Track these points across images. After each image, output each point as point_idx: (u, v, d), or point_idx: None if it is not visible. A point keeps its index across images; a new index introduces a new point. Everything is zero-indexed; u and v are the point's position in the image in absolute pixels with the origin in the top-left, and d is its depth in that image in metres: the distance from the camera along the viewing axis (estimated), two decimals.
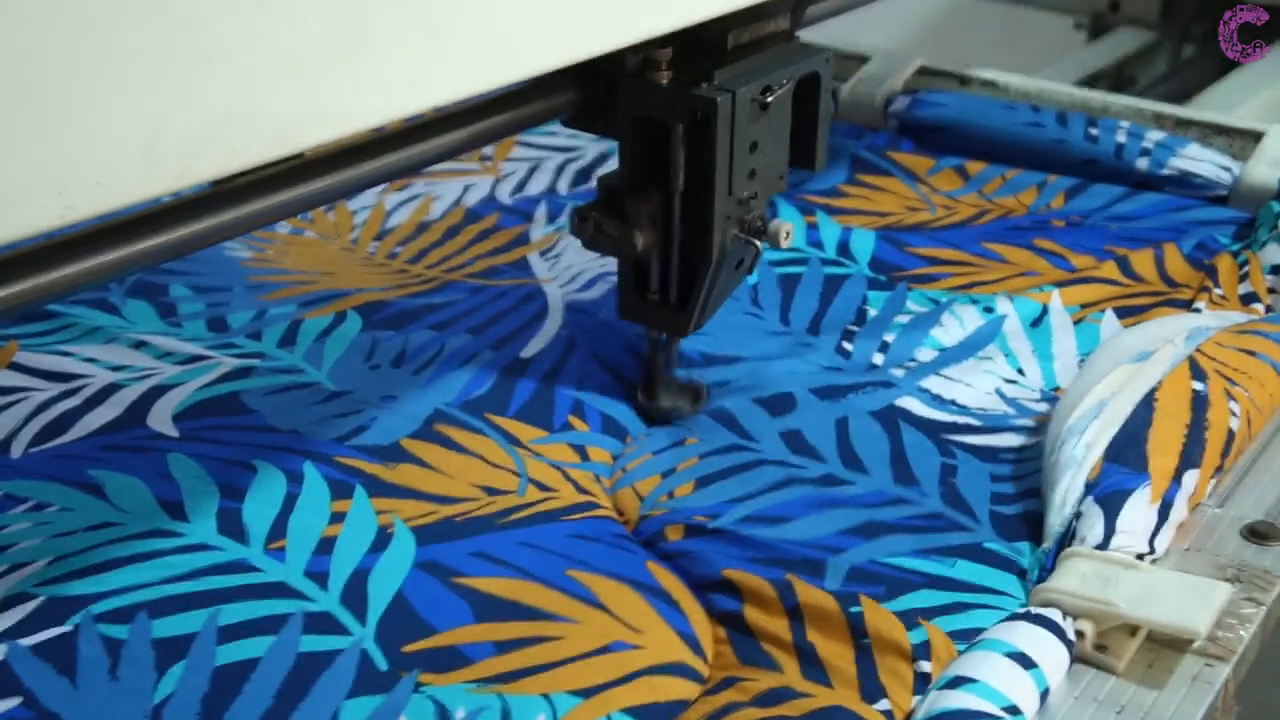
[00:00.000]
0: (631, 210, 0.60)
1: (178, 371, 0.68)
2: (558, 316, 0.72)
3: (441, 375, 0.67)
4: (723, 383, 0.68)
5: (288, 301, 0.75)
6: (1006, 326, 0.73)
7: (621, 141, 0.60)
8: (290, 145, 0.38)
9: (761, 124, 0.59)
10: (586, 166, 0.96)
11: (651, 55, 0.57)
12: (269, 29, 0.36)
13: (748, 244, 0.61)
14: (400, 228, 0.87)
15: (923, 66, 1.02)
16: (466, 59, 0.42)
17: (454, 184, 0.94)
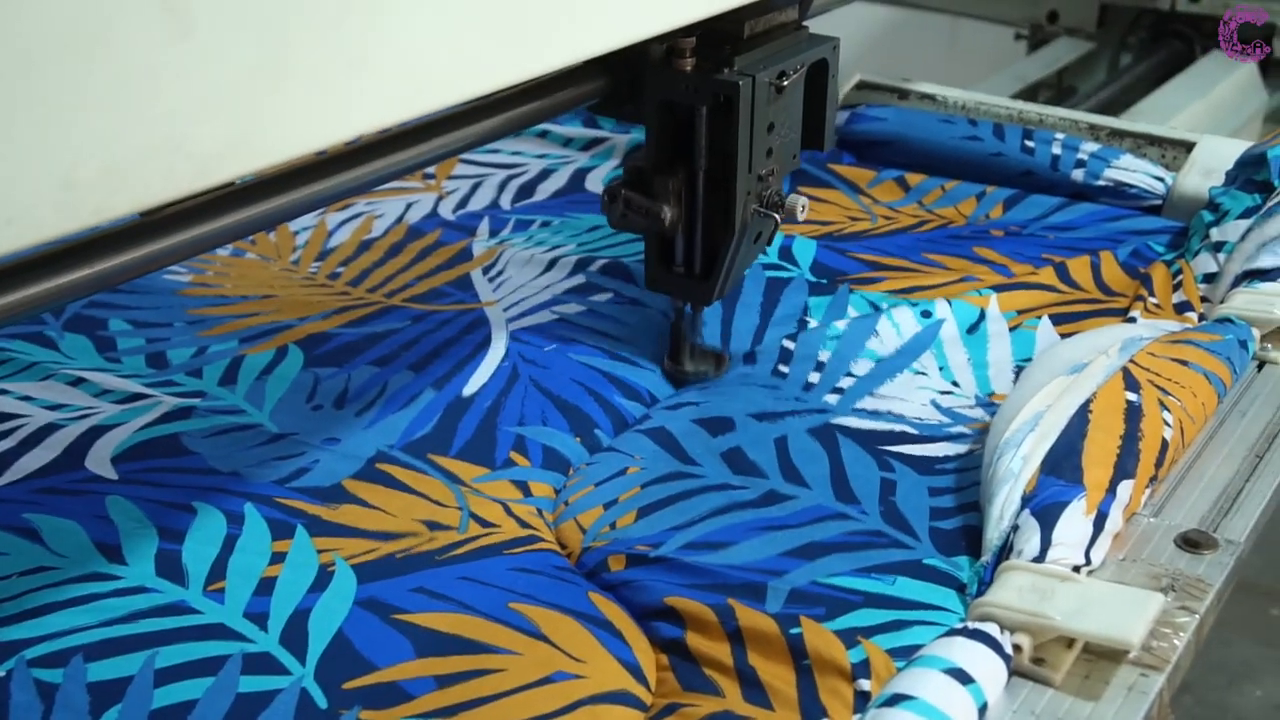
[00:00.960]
0: (659, 188, 0.65)
1: (117, 411, 0.68)
2: (501, 346, 0.72)
3: (384, 416, 0.66)
4: (670, 406, 0.68)
5: (228, 337, 0.75)
6: (944, 332, 0.73)
7: (648, 125, 0.65)
8: (215, 177, 0.38)
9: (777, 106, 0.65)
10: (529, 182, 0.97)
11: (676, 44, 0.62)
12: (191, 62, 0.36)
13: (766, 217, 0.66)
14: (342, 246, 0.87)
15: (861, 80, 1.03)
16: (392, 87, 0.42)
17: (397, 202, 0.94)
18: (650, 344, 0.73)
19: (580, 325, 0.74)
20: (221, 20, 0.36)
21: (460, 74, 0.45)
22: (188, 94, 0.36)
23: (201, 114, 0.36)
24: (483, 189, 0.96)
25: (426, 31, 0.43)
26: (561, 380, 0.69)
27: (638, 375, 0.70)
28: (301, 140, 0.40)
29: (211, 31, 0.36)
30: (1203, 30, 1.52)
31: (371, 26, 0.40)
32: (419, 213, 0.92)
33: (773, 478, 0.61)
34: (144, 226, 0.47)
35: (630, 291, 0.77)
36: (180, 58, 0.35)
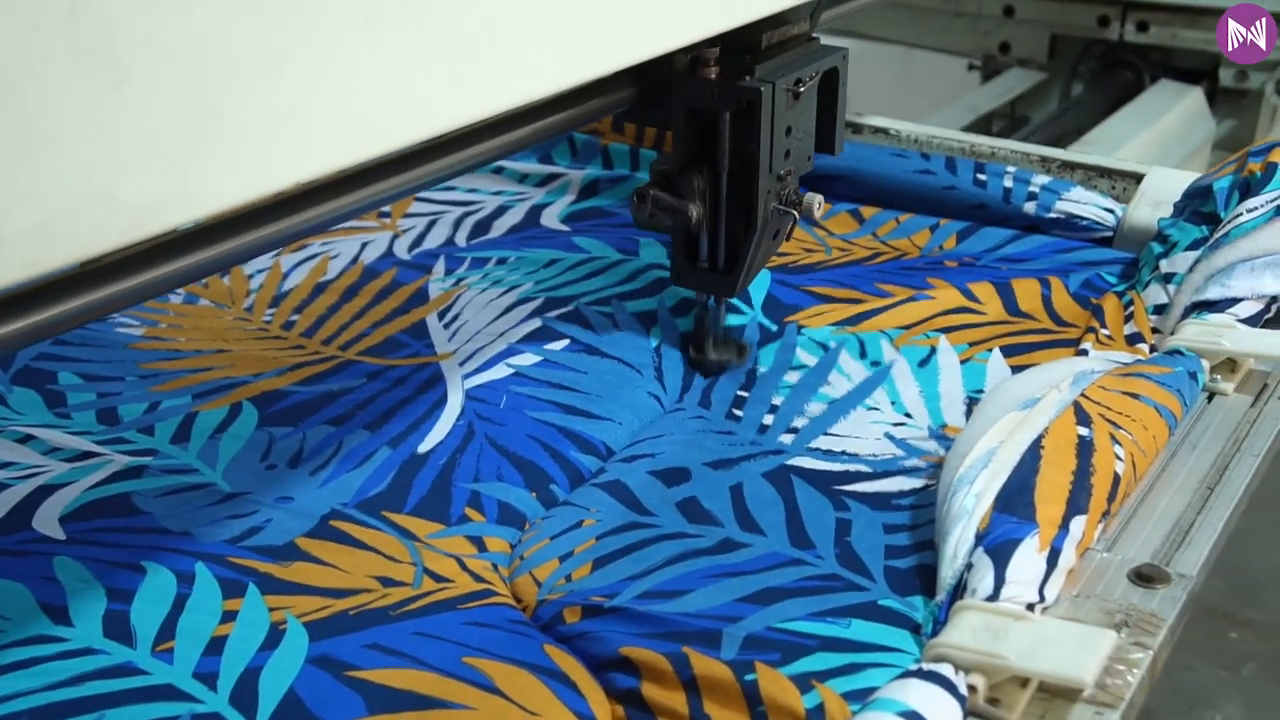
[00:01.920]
0: (685, 188, 0.70)
1: (66, 470, 0.67)
2: (457, 403, 0.71)
3: (338, 475, 0.66)
4: (624, 458, 0.68)
5: (181, 393, 0.74)
6: (895, 371, 0.74)
7: (675, 129, 0.70)
8: (148, 228, 0.37)
9: (794, 111, 0.70)
10: (485, 219, 0.96)
11: (701, 54, 0.67)
12: (123, 113, 0.35)
13: (785, 214, 0.71)
14: (297, 289, 0.86)
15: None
16: (331, 134, 0.42)
17: (352, 241, 0.94)
18: (605, 393, 0.72)
19: (536, 379, 0.74)
20: (155, 71, 0.36)
21: (401, 119, 0.45)
22: (120, 145, 0.35)
23: (134, 165, 0.36)
24: (438, 226, 0.96)
25: (366, 77, 0.42)
26: (517, 437, 0.68)
27: (593, 428, 0.69)
28: (238, 190, 0.40)
29: (144, 82, 0.35)
30: (1150, 60, 1.56)
31: (309, 74, 0.40)
32: (374, 252, 0.92)
33: (728, 525, 0.61)
34: (84, 276, 0.46)
35: (585, 337, 0.77)
36: (112, 109, 0.35)
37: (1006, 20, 1.63)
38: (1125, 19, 1.54)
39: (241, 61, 0.38)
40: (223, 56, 0.38)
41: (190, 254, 0.49)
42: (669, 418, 0.71)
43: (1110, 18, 1.55)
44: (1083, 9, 1.56)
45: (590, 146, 1.05)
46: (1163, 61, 1.56)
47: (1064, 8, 1.58)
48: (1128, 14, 1.54)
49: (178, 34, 0.36)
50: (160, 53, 0.36)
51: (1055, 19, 1.60)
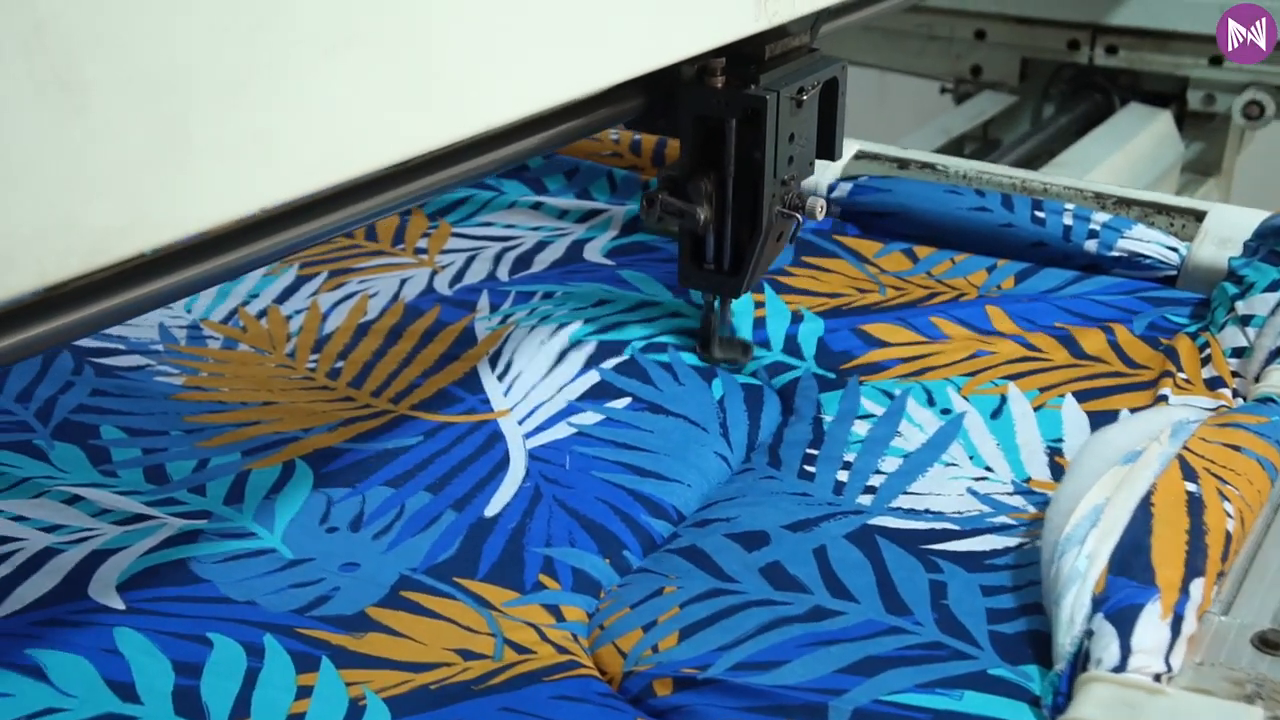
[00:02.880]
0: (693, 192, 0.73)
1: (119, 533, 0.64)
2: (520, 465, 0.69)
3: (404, 539, 0.63)
4: (697, 523, 0.65)
5: (230, 449, 0.71)
6: (967, 422, 0.71)
7: (682, 136, 0.73)
8: (112, 254, 0.37)
9: (797, 118, 0.73)
10: (526, 253, 0.94)
11: (708, 64, 0.70)
12: (85, 138, 0.35)
13: (789, 217, 0.74)
14: (338, 333, 0.84)
15: (860, 151, 1.01)
16: (300, 157, 0.42)
17: (390, 279, 0.91)
18: (672, 453, 0.70)
19: (600, 439, 0.71)
20: (119, 96, 0.35)
21: (371, 143, 0.45)
22: (84, 170, 0.35)
23: (98, 190, 0.36)
24: (478, 261, 0.93)
25: (332, 101, 0.42)
26: (586, 500, 0.66)
27: (664, 491, 0.67)
28: (203, 215, 0.39)
29: (108, 107, 0.35)
30: (1120, 83, 1.59)
31: (275, 98, 0.40)
32: (414, 289, 0.89)
33: (817, 591, 0.58)
34: (49, 301, 0.45)
35: (647, 394, 0.75)
36: (76, 134, 0.35)
37: (978, 44, 1.65)
38: (1095, 43, 1.56)
39: (207, 87, 0.38)
40: (188, 82, 0.37)
41: (159, 278, 0.49)
42: (740, 479, 0.69)
43: (1080, 42, 1.57)
44: (1053, 33, 1.59)
45: (630, 182, 1.02)
46: (1132, 85, 1.59)
47: (1034, 31, 1.60)
48: (1097, 38, 1.56)
49: (142, 59, 0.36)
50: (124, 78, 0.35)
51: (1026, 43, 1.62)
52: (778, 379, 0.77)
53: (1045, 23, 1.58)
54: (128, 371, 0.81)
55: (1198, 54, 1.51)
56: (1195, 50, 1.51)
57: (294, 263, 0.96)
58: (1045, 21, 1.58)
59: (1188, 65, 1.51)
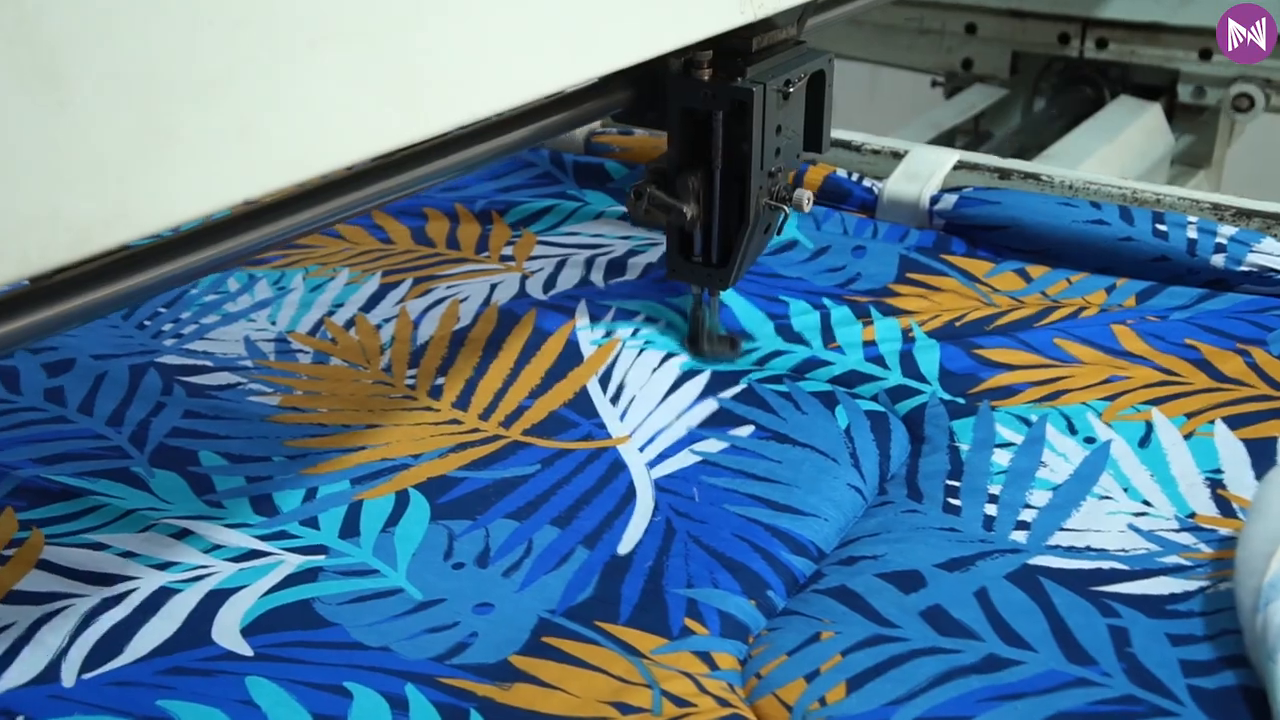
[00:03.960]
0: (680, 186, 0.73)
1: (234, 571, 0.61)
2: (648, 497, 0.66)
3: (536, 577, 0.60)
4: (843, 561, 0.62)
5: (337, 477, 0.68)
6: (1114, 451, 0.68)
7: (670, 129, 0.73)
8: (95, 246, 0.37)
9: (784, 111, 0.73)
10: (618, 259, 0.91)
11: (694, 57, 0.70)
12: (68, 130, 0.35)
13: (776, 209, 0.74)
14: (434, 343, 0.81)
15: (960, 161, 0.98)
16: (284, 150, 0.42)
17: (479, 284, 0.88)
18: (804, 485, 0.67)
19: (727, 469, 0.68)
20: (100, 87, 0.36)
21: (354, 138, 0.45)
22: (66, 163, 0.35)
23: (80, 182, 0.36)
24: (568, 268, 0.90)
25: (315, 93, 0.42)
26: (723, 536, 0.63)
27: (801, 526, 0.64)
28: (187, 206, 0.39)
29: (89, 99, 0.35)
30: (1110, 76, 1.59)
31: (257, 90, 0.40)
32: (506, 293, 0.87)
33: (988, 639, 0.55)
34: (36, 293, 0.46)
35: (771, 422, 0.71)
36: (57, 126, 0.35)
37: (969, 37, 1.65)
38: (1085, 36, 1.56)
39: (190, 79, 0.38)
40: (171, 74, 0.38)
41: (145, 270, 0.49)
42: (879, 513, 0.65)
43: (1070, 35, 1.57)
44: (1043, 26, 1.59)
45: None
46: (1122, 78, 1.59)
47: (1025, 25, 1.60)
48: (1087, 31, 1.56)
49: (125, 51, 0.36)
50: (107, 70, 0.36)
51: (1017, 36, 1.62)
52: (902, 405, 0.73)
53: (1036, 16, 1.59)
54: (219, 391, 0.78)
55: (1187, 47, 1.51)
56: (1185, 43, 1.51)
57: (375, 271, 0.93)
58: (1036, 15, 1.59)
59: (1178, 58, 1.52)
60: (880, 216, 0.96)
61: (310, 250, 0.98)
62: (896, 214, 0.96)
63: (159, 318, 0.88)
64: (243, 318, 0.88)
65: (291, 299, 0.90)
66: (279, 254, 0.98)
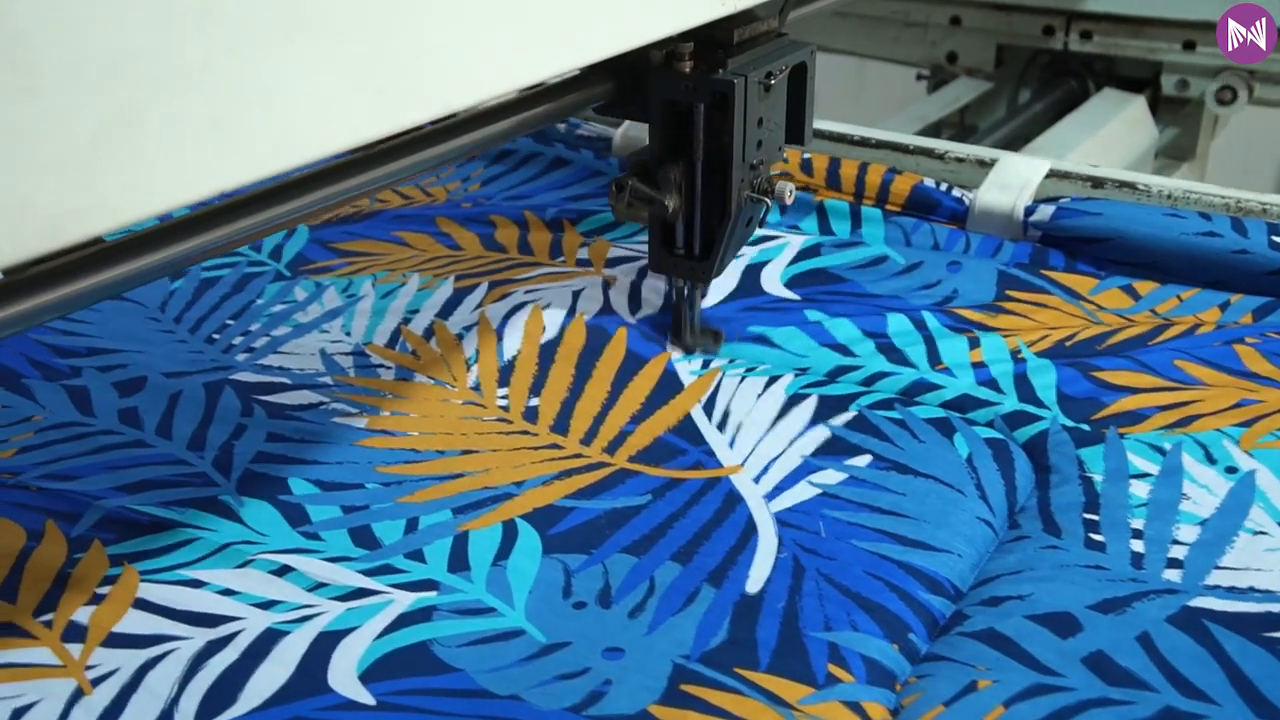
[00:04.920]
0: (662, 179, 0.73)
1: (342, 610, 0.58)
2: (770, 532, 0.63)
3: (664, 618, 0.57)
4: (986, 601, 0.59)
5: (438, 506, 0.65)
6: (1260, 482, 0.65)
7: (651, 122, 0.73)
8: (63, 239, 0.37)
9: (766, 103, 0.73)
10: None
11: (676, 49, 0.70)
12: (37, 120, 0.35)
13: (758, 202, 0.74)
14: (522, 359, 0.78)
15: (1052, 169, 0.94)
16: (257, 143, 0.41)
17: (559, 289, 0.85)
18: (931, 519, 0.63)
19: (849, 502, 0.65)
20: (70, 77, 0.35)
21: (329, 130, 0.44)
22: (35, 154, 0.35)
23: (50, 174, 0.35)
24: (652, 277, 0.86)
25: (288, 85, 0.42)
26: (854, 574, 0.59)
27: (934, 563, 0.61)
28: (159, 199, 0.39)
29: (59, 88, 0.35)
30: (1095, 69, 1.61)
31: (229, 82, 0.40)
32: (590, 304, 0.83)
33: (1163, 690, 0.52)
34: (9, 286, 0.45)
35: (888, 452, 0.68)
36: (27, 117, 0.34)
37: (954, 30, 1.66)
38: (1069, 29, 1.57)
39: (160, 70, 0.38)
40: (141, 64, 0.37)
41: (119, 263, 0.48)
42: (1015, 548, 0.62)
43: (1055, 28, 1.57)
44: (1028, 19, 1.59)
45: (801, 203, 0.96)
46: (1106, 70, 1.61)
47: (1010, 18, 1.61)
48: (1072, 24, 1.57)
49: (94, 41, 0.36)
50: (76, 60, 0.35)
51: (1001, 29, 1.62)
52: (1021, 432, 0.70)
53: (1020, 9, 1.59)
54: (301, 411, 0.74)
55: (1171, 39, 1.52)
56: (1169, 36, 1.52)
57: (448, 275, 0.90)
58: (1020, 8, 1.59)
59: (1161, 50, 1.52)
60: (971, 228, 0.93)
61: (376, 257, 0.95)
62: (988, 225, 0.92)
63: (227, 330, 0.85)
64: (315, 328, 0.84)
65: (363, 306, 0.87)
66: (343, 261, 0.95)
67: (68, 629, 0.57)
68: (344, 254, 0.96)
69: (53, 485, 0.68)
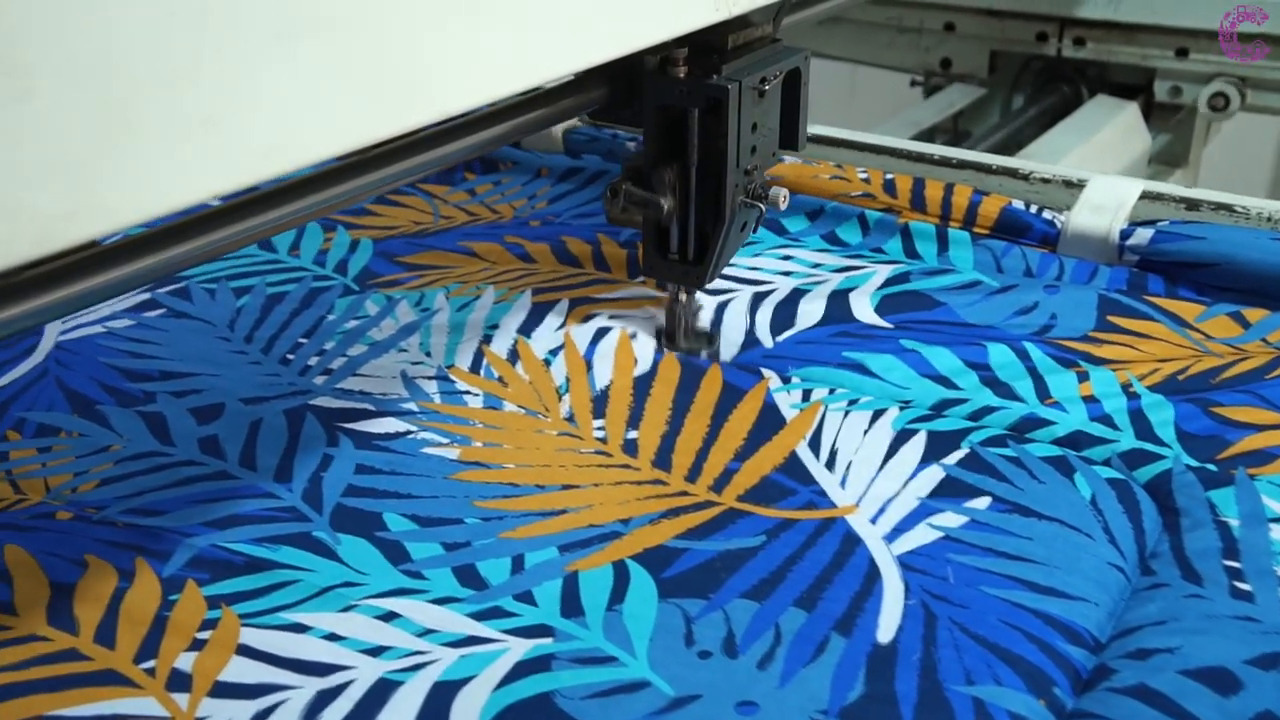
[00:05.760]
0: (656, 182, 0.73)
1: (456, 658, 0.56)
2: (894, 577, 0.60)
3: (795, 670, 0.54)
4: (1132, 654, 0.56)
5: (543, 543, 0.63)
6: None
7: (646, 126, 0.73)
8: (60, 241, 0.37)
9: (760, 108, 0.74)
10: (784, 304, 0.85)
11: (670, 54, 0.70)
12: (30, 124, 0.35)
13: (752, 207, 0.75)
14: (615, 390, 0.75)
15: (1145, 190, 0.92)
16: (251, 146, 0.41)
17: (642, 315, 0.83)
18: (1061, 564, 0.61)
19: (973, 546, 0.62)
20: (63, 81, 0.35)
21: (324, 133, 0.44)
22: (28, 156, 0.35)
23: (44, 176, 0.35)
24: (732, 311, 0.84)
25: (282, 88, 0.42)
26: (989, 623, 0.57)
27: (1071, 611, 0.58)
28: (151, 203, 0.39)
29: (52, 92, 0.35)
30: (1088, 75, 1.62)
31: (223, 84, 0.40)
32: None
33: None
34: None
35: (1008, 493, 0.66)
36: (20, 119, 0.34)
37: (948, 36, 1.67)
38: (1063, 35, 1.58)
39: (154, 72, 0.38)
40: (134, 67, 0.37)
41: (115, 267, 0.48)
42: (1155, 596, 0.59)
43: (1048, 34, 1.59)
44: (1021, 25, 1.60)
45: (886, 225, 0.93)
46: (1100, 77, 1.61)
47: (1003, 24, 1.62)
48: (1065, 30, 1.58)
49: (88, 44, 0.36)
50: (69, 63, 0.35)
51: (995, 35, 1.63)
52: (1141, 471, 0.67)
53: (1014, 15, 1.60)
54: (388, 440, 0.72)
55: (1164, 46, 1.53)
56: (1162, 42, 1.53)
57: (525, 289, 0.87)
58: (1014, 14, 1.60)
59: (1154, 57, 1.53)
60: (1063, 251, 0.90)
61: (446, 270, 0.93)
62: (1082, 249, 0.90)
63: (301, 350, 0.82)
64: (392, 347, 0.82)
65: (439, 321, 0.84)
66: (412, 274, 0.93)
67: (171, 677, 0.55)
68: (412, 267, 0.94)
69: (139, 521, 0.65)
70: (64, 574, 0.61)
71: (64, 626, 0.58)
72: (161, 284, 0.92)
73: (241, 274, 0.94)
